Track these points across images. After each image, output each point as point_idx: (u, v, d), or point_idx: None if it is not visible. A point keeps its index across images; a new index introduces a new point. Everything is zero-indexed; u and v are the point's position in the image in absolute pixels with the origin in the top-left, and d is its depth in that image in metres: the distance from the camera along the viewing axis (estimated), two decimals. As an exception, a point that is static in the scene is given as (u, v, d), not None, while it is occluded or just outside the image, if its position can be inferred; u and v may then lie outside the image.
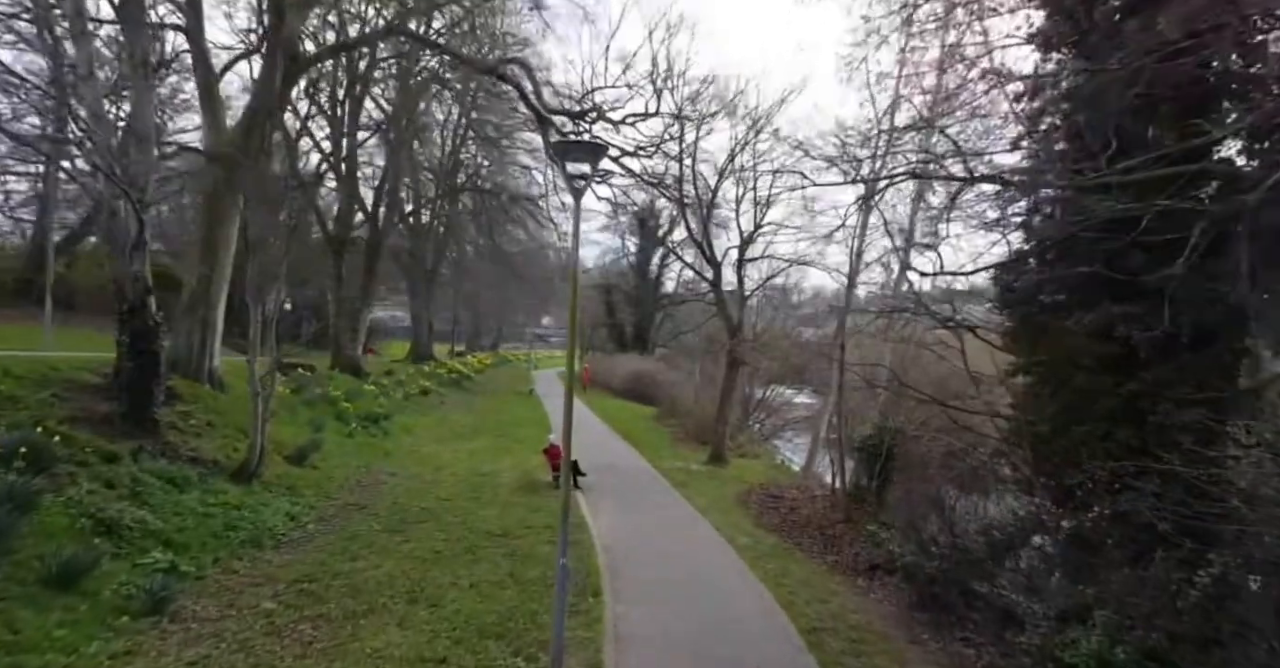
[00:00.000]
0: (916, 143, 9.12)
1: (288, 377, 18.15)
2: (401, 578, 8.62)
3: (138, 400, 10.33)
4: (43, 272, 20.21)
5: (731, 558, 10.38)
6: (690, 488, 15.31)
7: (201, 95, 13.65)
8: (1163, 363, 6.70)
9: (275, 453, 13.16)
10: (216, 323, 13.96)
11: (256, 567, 8.62)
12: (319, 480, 12.94)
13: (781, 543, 11.50)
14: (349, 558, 9.20)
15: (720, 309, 18.29)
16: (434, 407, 25.90)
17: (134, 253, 10.20)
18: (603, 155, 6.32)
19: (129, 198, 9.80)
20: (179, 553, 8.14)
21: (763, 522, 12.83)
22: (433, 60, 27.01)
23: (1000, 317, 9.59)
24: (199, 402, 12.95)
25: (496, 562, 9.54)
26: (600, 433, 23.08)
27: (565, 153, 6.35)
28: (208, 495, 9.96)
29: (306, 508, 11.23)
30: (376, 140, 31.16)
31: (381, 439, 17.99)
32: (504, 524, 11.34)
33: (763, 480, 16.48)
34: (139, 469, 9.47)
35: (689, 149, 16.90)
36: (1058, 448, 7.69)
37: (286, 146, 12.94)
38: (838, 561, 10.57)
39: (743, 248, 18.00)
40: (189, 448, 11.09)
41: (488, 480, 14.74)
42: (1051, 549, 7.75)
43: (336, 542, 9.89)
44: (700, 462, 18.51)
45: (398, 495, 12.89)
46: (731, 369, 18.12)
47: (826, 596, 9.15)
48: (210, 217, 13.21)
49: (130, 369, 10.32)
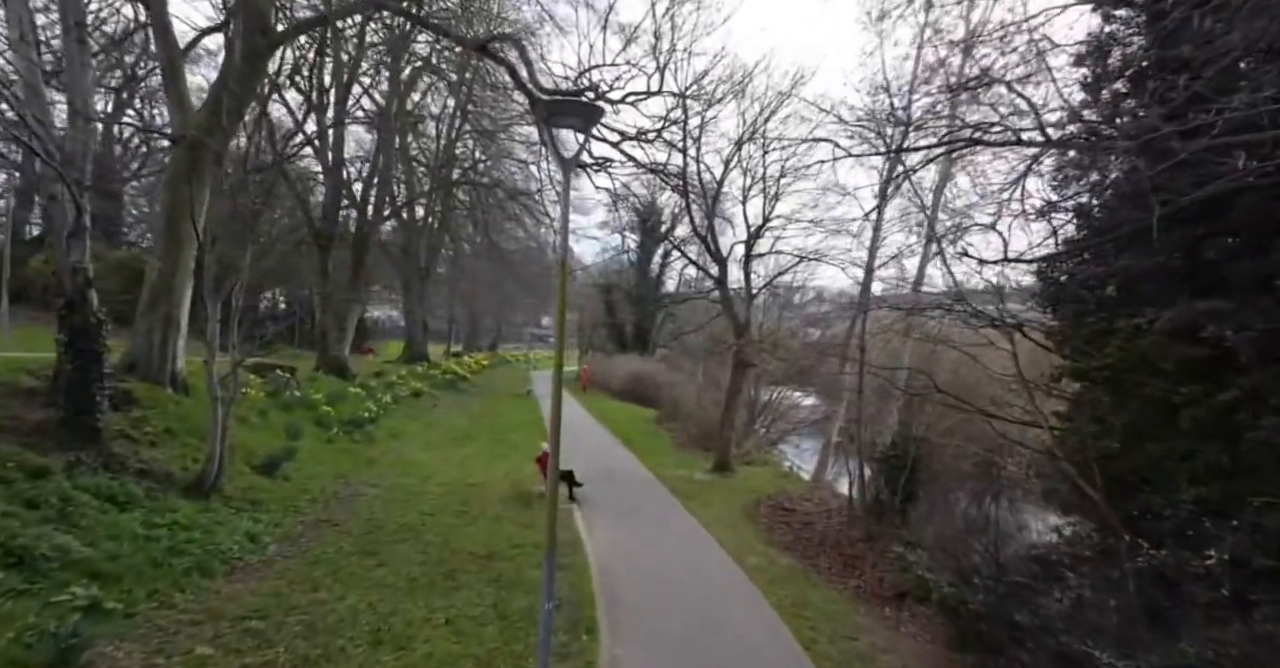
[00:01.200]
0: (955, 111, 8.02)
1: (265, 379, 17.04)
2: (367, 612, 7.54)
3: (77, 406, 9.22)
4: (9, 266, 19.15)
5: (742, 583, 9.29)
6: (695, 499, 14.21)
7: (164, 73, 12.54)
8: (1265, 368, 5.60)
9: (243, 463, 12.07)
10: (180, 321, 12.84)
11: (200, 599, 7.51)
12: (289, 494, 11.83)
13: (796, 564, 10.40)
14: (309, 588, 8.10)
15: (726, 308, 17.19)
16: (425, 410, 24.78)
17: (72, 241, 9.10)
18: (598, 117, 5.22)
19: (64, 180, 8.70)
20: (106, 586, 7.02)
21: (774, 539, 11.72)
22: (424, 47, 25.94)
23: (1043, 314, 8.49)
24: (157, 407, 11.83)
25: (479, 590, 8.45)
26: (598, 437, 21.98)
27: (554, 114, 5.25)
28: (153, 514, 8.85)
29: (270, 526, 10.11)
30: (367, 130, 30.10)
31: (365, 446, 16.87)
32: (490, 544, 10.25)
33: (771, 491, 15.36)
34: (72, 486, 8.37)
35: (694, 134, 15.83)
36: (1125, 466, 6.58)
37: (258, 128, 11.76)
38: (860, 586, 9.47)
39: (750, 242, 16.89)
40: (139, 459, 9.97)
41: (477, 492, 13.64)
42: (1112, 584, 6.65)
43: (298, 567, 8.78)
44: (705, 469, 17.40)
45: (375, 510, 11.79)
46: (738, 371, 17.00)
47: (852, 631, 8.05)
48: (174, 204, 12.09)
49: (69, 371, 9.21)
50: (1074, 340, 7.35)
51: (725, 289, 17.31)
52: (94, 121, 9.49)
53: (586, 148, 5.72)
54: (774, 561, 10.47)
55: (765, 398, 24.86)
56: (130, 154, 34.14)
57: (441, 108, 33.56)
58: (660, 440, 23.17)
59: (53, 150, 8.73)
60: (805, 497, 14.26)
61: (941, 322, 10.20)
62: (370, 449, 16.85)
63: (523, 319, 74.57)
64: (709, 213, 16.96)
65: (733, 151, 16.80)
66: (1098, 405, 6.88)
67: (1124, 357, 6.33)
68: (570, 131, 5.28)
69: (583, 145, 5.30)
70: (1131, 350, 6.26)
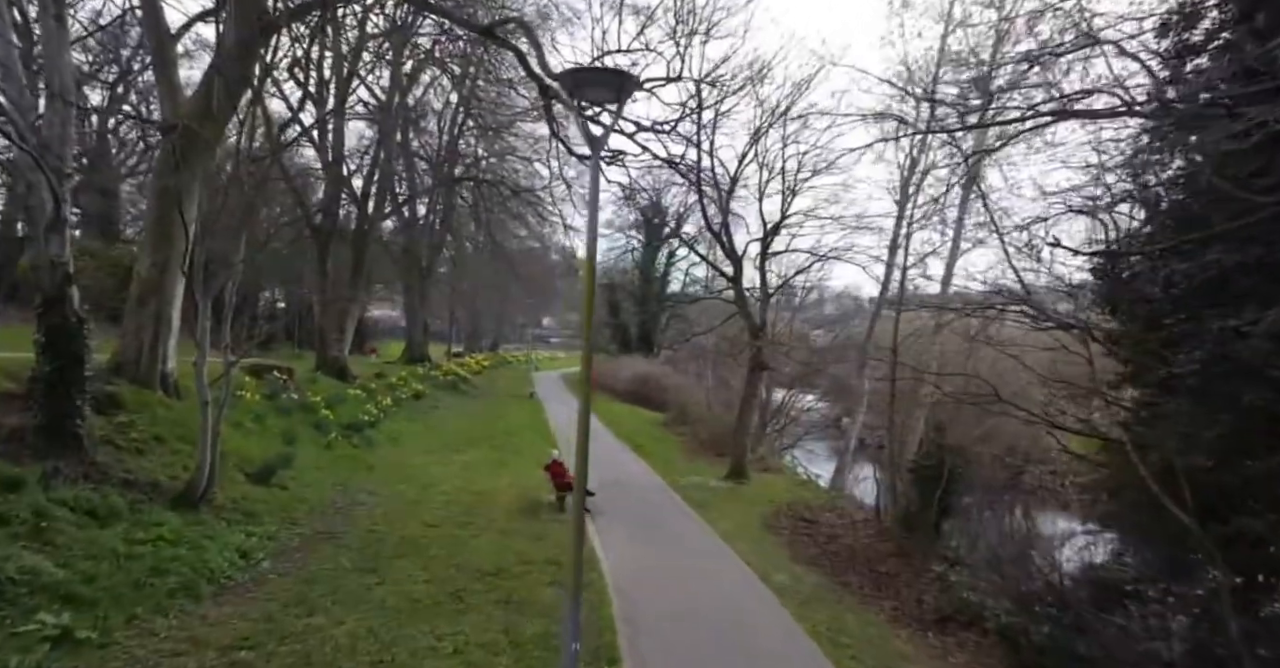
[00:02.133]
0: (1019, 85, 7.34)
1: (261, 381, 16.36)
2: (367, 640, 6.87)
3: (56, 411, 8.55)
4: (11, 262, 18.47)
5: (771, 605, 8.62)
6: (711, 509, 13.55)
7: (154, 57, 11.89)
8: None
9: (236, 470, 11.40)
10: (171, 319, 12.16)
11: (184, 626, 6.83)
12: (285, 503, 11.16)
13: (826, 583, 9.73)
14: (305, 611, 7.42)
15: (741, 308, 16.52)
16: (426, 412, 24.14)
17: (50, 233, 8.43)
18: (632, 88, 4.56)
19: (42, 167, 8.03)
20: (80, 613, 6.36)
21: (798, 553, 11.05)
22: (426, 40, 25.27)
23: (1101, 315, 7.82)
24: (146, 411, 11.16)
25: (488, 613, 7.78)
26: (605, 442, 21.32)
27: (582, 85, 4.58)
28: (136, 529, 8.17)
29: (264, 540, 9.43)
30: (367, 126, 29.42)
31: (365, 451, 16.20)
32: (499, 559, 9.58)
33: (790, 500, 14.69)
34: (47, 499, 7.69)
35: (708, 127, 15.18)
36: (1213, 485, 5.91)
37: (252, 116, 11.10)
38: (898, 608, 8.79)
39: (766, 240, 16.23)
40: (123, 468, 9.31)
41: (482, 501, 12.97)
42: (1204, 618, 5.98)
43: (293, 587, 8.10)
44: (719, 477, 16.72)
45: (376, 521, 11.12)
46: (753, 374, 16.33)
47: (897, 660, 7.39)
48: (163, 196, 11.41)
49: (47, 374, 8.54)
50: (1147, 343, 6.68)
51: (740, 288, 16.65)
52: (73, 105, 8.81)
53: (617, 124, 5.06)
54: (801, 579, 9.80)
55: (779, 401, 24.18)
56: (126, 151, 33.47)
57: (444, 103, 32.93)
58: (669, 445, 22.51)
59: (28, 134, 8.06)
60: (826, 507, 13.59)
61: (984, 322, 9.52)
62: (370, 455, 16.19)
63: (524, 319, 73.97)
64: (724, 208, 16.30)
65: (748, 145, 16.16)
66: (1178, 417, 6.21)
67: (1215, 362, 5.67)
68: (573, 123, 4.61)
69: (616, 116, 4.64)
70: (1225, 355, 5.60)
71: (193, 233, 8.95)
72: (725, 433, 20.89)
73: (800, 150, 16.05)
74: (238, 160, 9.64)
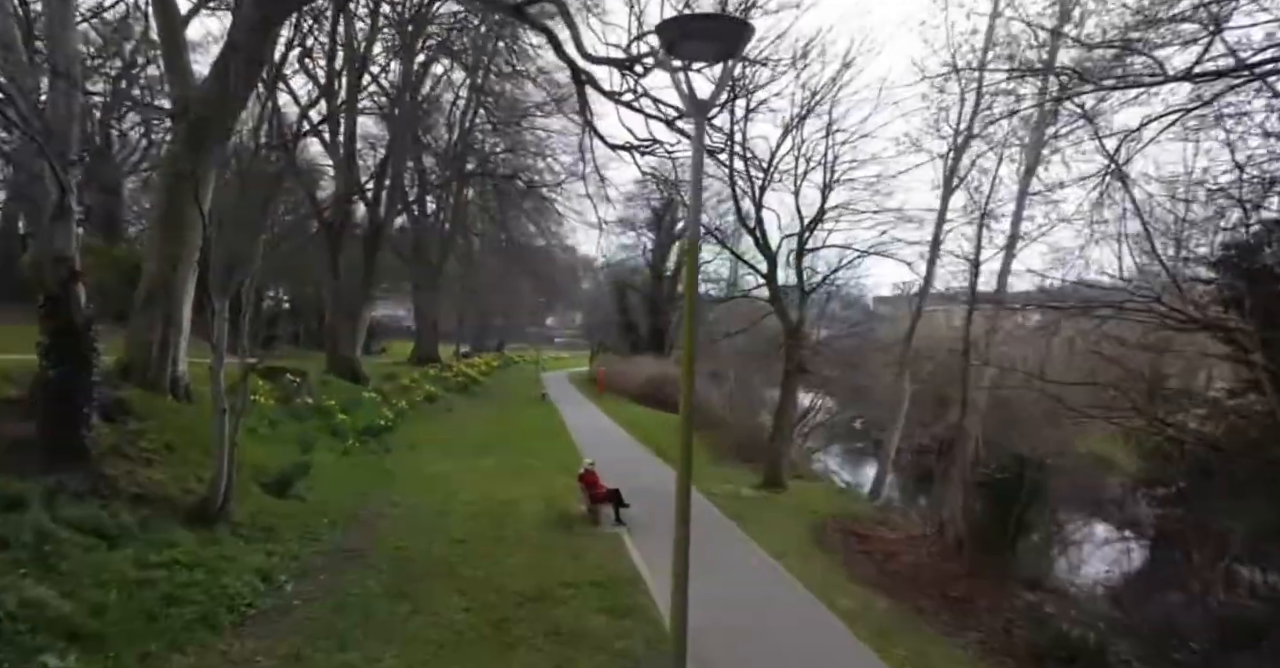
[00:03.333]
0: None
1: (274, 384, 15.63)
2: (409, 681, 6.13)
3: (61, 420, 7.82)
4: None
5: (844, 635, 7.83)
6: (750, 521, 12.77)
7: (163, 41, 11.18)
8: None
9: (251, 481, 10.67)
10: (182, 320, 11.42)
11: (203, 663, 6.08)
12: (305, 517, 10.41)
13: (896, 608, 8.95)
14: (336, 645, 6.66)
15: (777, 307, 15.75)
16: (441, 415, 23.43)
17: (55, 225, 7.69)
18: (748, 36, 3.79)
19: (46, 153, 7.29)
20: (88, 652, 5.62)
21: (857, 574, 10.26)
22: (440, 31, 24.55)
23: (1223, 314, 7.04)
24: (156, 417, 10.43)
25: (538, 646, 7.03)
26: (626, 446, 20.58)
27: (682, 35, 3.83)
28: (149, 550, 7.43)
29: (285, 559, 8.67)
30: (376, 122, 28.69)
31: (382, 457, 15.46)
32: (539, 581, 8.81)
33: (833, 510, 13.92)
34: (52, 518, 6.96)
35: (745, 115, 14.41)
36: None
37: (266, 104, 10.35)
38: (984, 640, 8.00)
39: (804, 235, 15.46)
40: (133, 482, 8.57)
41: (509, 512, 12.20)
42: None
43: (321, 615, 7.34)
44: (751, 485, 15.94)
45: (401, 536, 10.36)
46: (790, 378, 15.57)
47: (998, 704, 6.63)
48: (173, 186, 10.68)
49: (51, 379, 7.80)
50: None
51: (775, 286, 15.87)
52: (77, 86, 8.05)
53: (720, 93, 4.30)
54: (868, 604, 9.01)
55: (808, 404, 23.44)
56: (129, 148, 32.76)
57: (455, 98, 32.18)
58: (693, 449, 21.74)
59: (31, 117, 7.31)
60: (877, 520, 12.83)
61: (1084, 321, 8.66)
62: (388, 461, 15.46)
63: (530, 318, 73.21)
64: (757, 202, 15.54)
65: (785, 134, 15.37)
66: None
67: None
68: (584, 116, 3.94)
69: (727, 72, 3.88)
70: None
71: (208, 224, 8.19)
72: (751, 437, 20.12)
73: (839, 140, 15.27)
74: (256, 145, 8.87)
